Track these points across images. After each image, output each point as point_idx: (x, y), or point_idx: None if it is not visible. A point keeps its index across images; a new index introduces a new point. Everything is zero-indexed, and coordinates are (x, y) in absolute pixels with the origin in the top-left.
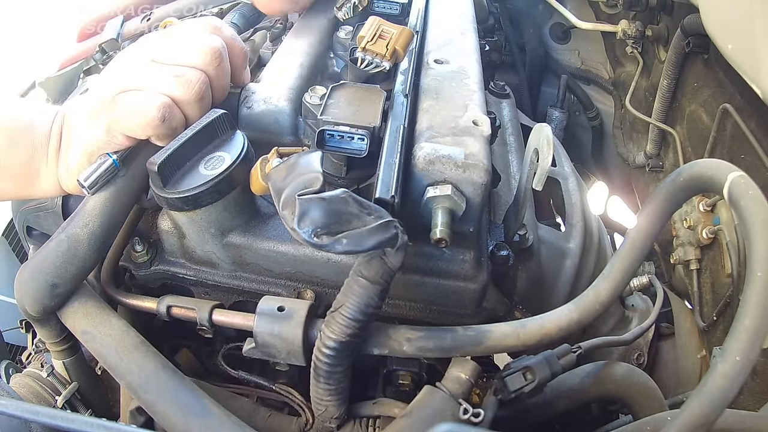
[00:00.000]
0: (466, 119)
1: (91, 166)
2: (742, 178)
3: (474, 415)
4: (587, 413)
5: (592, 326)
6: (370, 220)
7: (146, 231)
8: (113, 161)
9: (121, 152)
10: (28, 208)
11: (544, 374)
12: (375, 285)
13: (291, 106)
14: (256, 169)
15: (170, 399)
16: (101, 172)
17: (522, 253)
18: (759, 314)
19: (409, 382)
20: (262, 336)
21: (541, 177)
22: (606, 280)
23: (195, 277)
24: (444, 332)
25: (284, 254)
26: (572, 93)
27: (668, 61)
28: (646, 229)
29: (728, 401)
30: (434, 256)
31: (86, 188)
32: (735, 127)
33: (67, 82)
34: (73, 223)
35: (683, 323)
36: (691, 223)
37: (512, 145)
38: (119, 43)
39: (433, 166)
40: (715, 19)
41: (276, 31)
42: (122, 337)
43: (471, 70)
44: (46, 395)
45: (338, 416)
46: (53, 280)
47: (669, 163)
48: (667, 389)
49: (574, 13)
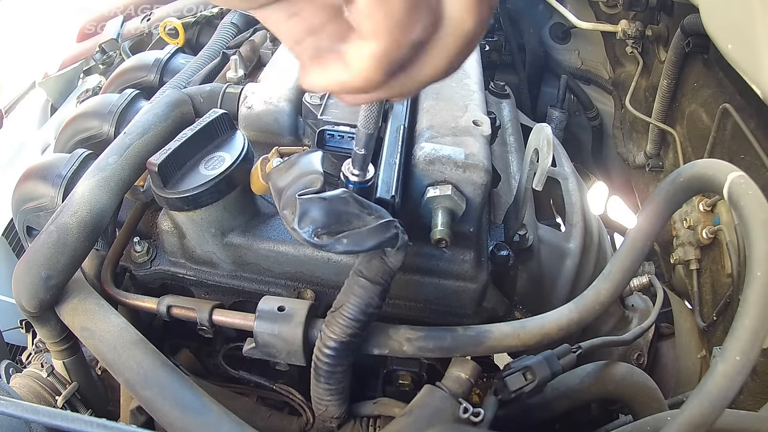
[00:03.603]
0: (466, 119)
1: None
2: (742, 178)
3: (474, 414)
4: (587, 413)
5: (592, 326)
6: (371, 220)
7: (146, 231)
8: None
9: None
10: (28, 207)
11: (544, 374)
12: (375, 285)
13: (291, 106)
14: (256, 169)
15: (169, 396)
16: None
17: (522, 253)
18: (759, 314)
19: (409, 381)
20: (262, 336)
21: (541, 177)
22: (606, 280)
23: (195, 277)
24: (444, 332)
25: (284, 254)
26: (572, 93)
27: (668, 61)
28: (646, 229)
29: (728, 401)
30: (434, 256)
31: None
32: (735, 127)
33: (67, 82)
34: (63, 213)
35: (683, 323)
36: (691, 223)
37: (512, 145)
38: (119, 43)
39: (433, 166)
40: (715, 19)
41: None
42: (121, 334)
43: (471, 70)
44: (46, 395)
45: (339, 416)
46: (46, 272)
47: (669, 163)
48: (667, 389)
49: (574, 13)
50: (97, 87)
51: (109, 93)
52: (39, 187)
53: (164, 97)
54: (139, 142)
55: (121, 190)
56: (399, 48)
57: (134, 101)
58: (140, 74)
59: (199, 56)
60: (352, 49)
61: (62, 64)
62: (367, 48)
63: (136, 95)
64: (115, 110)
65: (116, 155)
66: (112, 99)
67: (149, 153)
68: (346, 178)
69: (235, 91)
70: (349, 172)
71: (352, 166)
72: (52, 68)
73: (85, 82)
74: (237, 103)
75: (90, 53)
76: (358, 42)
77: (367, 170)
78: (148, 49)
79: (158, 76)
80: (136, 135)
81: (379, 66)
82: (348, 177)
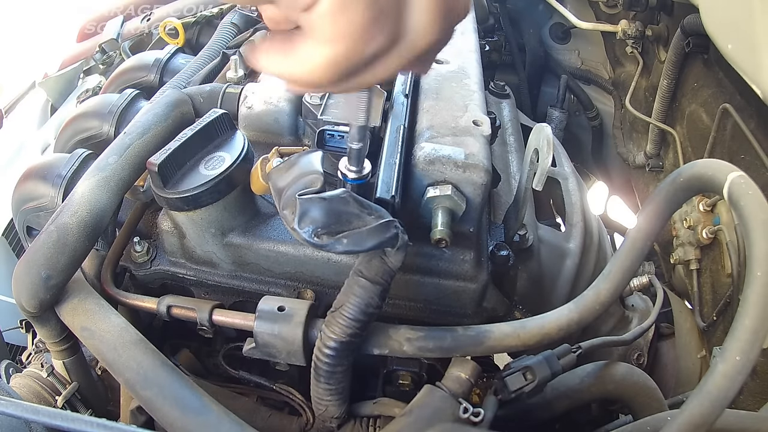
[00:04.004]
0: (466, 119)
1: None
2: (742, 178)
3: (474, 414)
4: (587, 413)
5: (592, 326)
6: (371, 220)
7: (146, 231)
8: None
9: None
10: (28, 207)
11: (544, 374)
12: (375, 285)
13: (291, 106)
14: (256, 169)
15: (169, 396)
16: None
17: (522, 253)
18: (759, 314)
19: (409, 381)
20: (263, 336)
21: (541, 177)
22: (606, 280)
23: (195, 277)
24: (444, 332)
25: (284, 254)
26: (572, 93)
27: (668, 61)
28: (646, 229)
29: (728, 401)
30: (434, 256)
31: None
32: (735, 127)
33: (67, 82)
34: (63, 213)
35: (683, 323)
36: (691, 223)
37: (512, 145)
38: (119, 43)
39: (433, 166)
40: (715, 19)
41: None
42: (121, 334)
43: (471, 71)
44: (46, 395)
45: (339, 416)
46: (46, 272)
47: (669, 163)
48: (667, 389)
49: (574, 13)
50: (97, 87)
51: (109, 93)
52: (39, 187)
53: (164, 97)
54: (139, 142)
55: (121, 190)
56: (355, 57)
57: (134, 101)
58: (140, 74)
59: (199, 56)
60: (309, 48)
61: (62, 64)
62: (322, 51)
63: (136, 95)
64: (115, 110)
65: (116, 155)
66: (112, 99)
67: (149, 153)
68: (343, 175)
69: (235, 91)
70: (346, 168)
71: (348, 162)
72: (52, 68)
73: (85, 82)
74: (237, 103)
75: (90, 53)
76: (315, 43)
77: (363, 165)
78: (148, 49)
79: (158, 76)
80: (136, 135)
81: (331, 70)
82: (345, 174)
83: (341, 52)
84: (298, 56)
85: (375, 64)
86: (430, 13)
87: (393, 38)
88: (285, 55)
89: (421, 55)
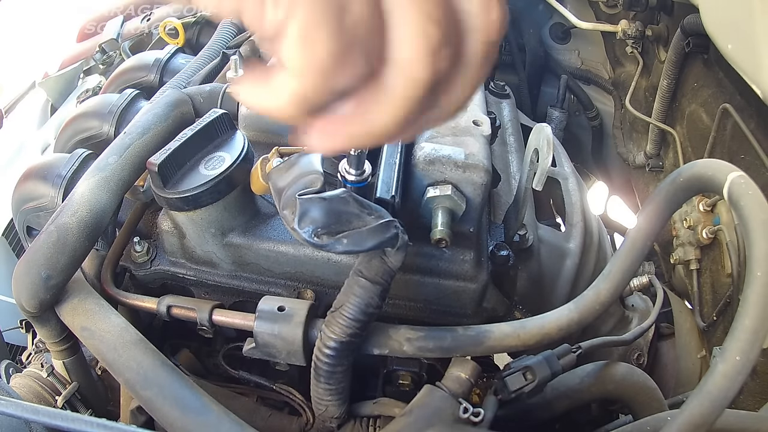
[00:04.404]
0: (466, 119)
1: None
2: (742, 178)
3: (474, 414)
4: (587, 413)
5: (592, 326)
6: (371, 220)
7: (146, 231)
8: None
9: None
10: (28, 207)
11: (544, 374)
12: (375, 285)
13: None
14: (256, 169)
15: (169, 396)
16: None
17: (522, 253)
18: (759, 314)
19: (409, 381)
20: (263, 336)
21: (541, 177)
22: (606, 280)
23: (195, 277)
24: (444, 332)
25: (284, 254)
26: (572, 93)
27: (668, 61)
28: (646, 229)
29: (728, 401)
30: (434, 256)
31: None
32: (735, 127)
33: (67, 82)
34: (63, 213)
35: (683, 323)
36: (691, 223)
37: (512, 145)
38: (119, 43)
39: (433, 166)
40: (715, 19)
41: None
42: (121, 334)
43: None
44: (46, 395)
45: (339, 416)
46: (46, 272)
47: (669, 163)
48: (667, 389)
49: (574, 13)
50: (97, 87)
51: (109, 93)
52: (39, 187)
53: (164, 97)
54: (139, 142)
55: (121, 190)
56: (324, 91)
57: (134, 101)
58: (140, 74)
59: (199, 56)
60: (282, 80)
61: (62, 64)
62: (291, 83)
63: (136, 95)
64: (115, 110)
65: (116, 155)
66: (112, 99)
67: (149, 153)
68: (343, 178)
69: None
70: (346, 171)
71: (348, 165)
72: (52, 68)
73: (85, 82)
74: (237, 103)
75: (90, 53)
76: (286, 75)
77: (363, 168)
78: (148, 49)
79: (158, 76)
80: (136, 135)
81: (297, 105)
82: (345, 177)
83: (309, 85)
84: (272, 88)
85: (357, 104)
86: (417, 48)
87: (369, 72)
88: (261, 86)
89: (410, 92)
